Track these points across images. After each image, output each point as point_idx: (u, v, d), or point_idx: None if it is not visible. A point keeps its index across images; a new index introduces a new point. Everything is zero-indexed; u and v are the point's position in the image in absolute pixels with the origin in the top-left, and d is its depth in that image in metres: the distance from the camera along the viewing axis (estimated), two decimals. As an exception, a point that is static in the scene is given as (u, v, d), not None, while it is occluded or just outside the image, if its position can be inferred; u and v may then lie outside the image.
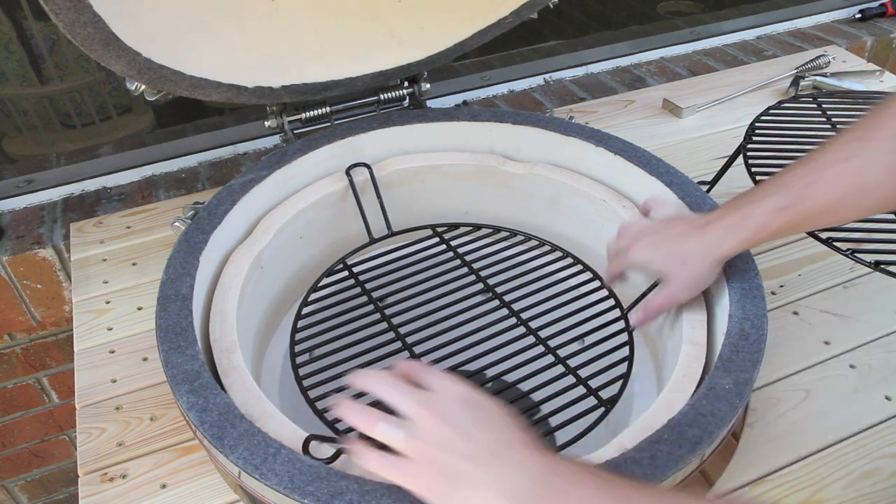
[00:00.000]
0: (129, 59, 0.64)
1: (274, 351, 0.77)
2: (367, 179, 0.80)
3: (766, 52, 1.36)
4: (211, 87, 0.74)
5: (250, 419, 0.52)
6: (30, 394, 1.08)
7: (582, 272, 0.77)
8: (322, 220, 0.80)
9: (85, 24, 0.59)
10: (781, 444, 0.64)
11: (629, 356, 0.66)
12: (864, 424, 0.66)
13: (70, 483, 1.23)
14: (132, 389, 0.70)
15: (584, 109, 1.16)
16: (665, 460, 0.49)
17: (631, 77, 1.29)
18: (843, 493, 0.60)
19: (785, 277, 0.82)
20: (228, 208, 0.71)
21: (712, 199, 0.71)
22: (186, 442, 0.65)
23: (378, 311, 0.71)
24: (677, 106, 1.11)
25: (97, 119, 1.06)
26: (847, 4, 1.48)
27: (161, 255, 0.86)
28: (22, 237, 0.94)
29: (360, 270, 0.77)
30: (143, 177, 1.05)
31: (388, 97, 0.90)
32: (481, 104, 1.22)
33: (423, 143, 0.85)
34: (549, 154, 0.83)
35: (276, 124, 0.87)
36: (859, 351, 0.73)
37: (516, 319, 0.70)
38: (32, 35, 0.95)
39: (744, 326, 0.58)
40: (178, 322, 0.59)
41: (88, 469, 0.63)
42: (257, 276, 0.72)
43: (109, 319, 0.78)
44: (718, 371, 0.55)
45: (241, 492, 0.58)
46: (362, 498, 0.46)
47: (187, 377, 0.55)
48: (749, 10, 1.43)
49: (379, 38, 0.84)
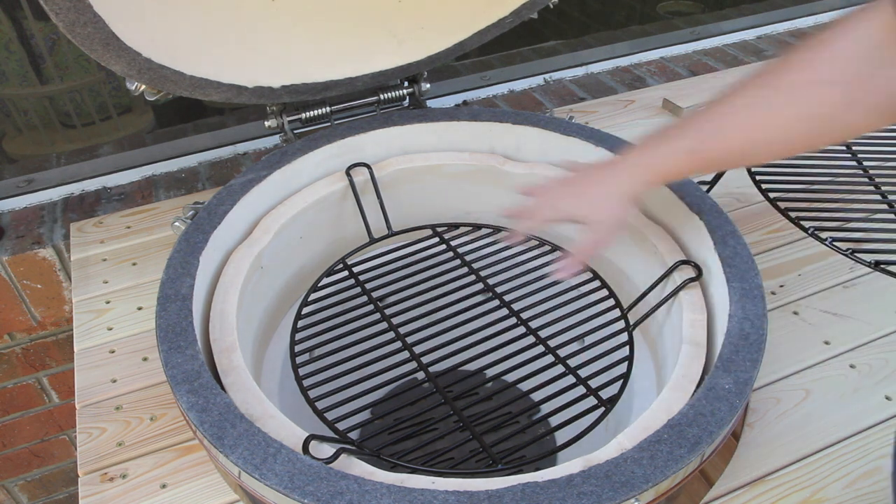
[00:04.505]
0: (129, 59, 0.64)
1: (274, 351, 0.77)
2: (367, 179, 0.80)
3: (766, 52, 1.36)
4: (211, 87, 0.74)
5: (250, 419, 0.52)
6: (30, 394, 1.08)
7: (582, 272, 0.77)
8: (322, 220, 0.80)
9: (85, 24, 0.59)
10: (781, 444, 0.64)
11: (629, 356, 0.66)
12: (864, 424, 0.66)
13: (70, 483, 1.23)
14: (132, 389, 0.70)
15: (584, 109, 1.16)
16: (665, 460, 0.49)
17: (631, 77, 1.29)
18: (843, 493, 0.60)
19: (785, 277, 0.82)
20: (228, 208, 0.71)
21: (712, 199, 0.71)
22: (186, 442, 0.65)
23: (378, 311, 0.71)
24: (677, 106, 1.11)
25: (97, 119, 1.06)
26: (847, 4, 1.47)
27: (161, 255, 0.86)
28: (22, 237, 0.94)
29: (360, 270, 0.77)
30: (143, 177, 1.05)
31: (388, 97, 0.90)
32: (481, 104, 1.22)
33: (423, 143, 0.85)
34: (549, 154, 0.83)
35: (276, 124, 0.87)
36: (859, 351, 0.73)
37: (516, 319, 0.70)
38: (32, 35, 0.95)
39: (744, 326, 0.58)
40: (178, 322, 0.59)
41: (88, 469, 0.63)
42: (257, 276, 0.72)
43: (109, 319, 0.78)
44: (718, 371, 0.55)
45: (241, 492, 0.58)
46: (362, 498, 0.46)
47: (187, 377, 0.55)
48: (749, 10, 1.43)
49: (379, 38, 0.84)
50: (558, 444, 0.58)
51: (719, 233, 0.67)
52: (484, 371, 0.65)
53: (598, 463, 0.49)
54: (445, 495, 0.46)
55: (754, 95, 0.53)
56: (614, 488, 0.47)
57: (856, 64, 0.46)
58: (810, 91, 0.49)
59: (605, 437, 0.55)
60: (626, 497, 0.46)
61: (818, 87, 0.49)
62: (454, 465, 0.55)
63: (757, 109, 0.52)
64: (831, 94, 0.48)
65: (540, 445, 0.62)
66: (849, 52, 0.47)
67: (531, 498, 0.46)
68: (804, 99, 0.49)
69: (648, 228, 0.73)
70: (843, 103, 0.48)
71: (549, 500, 0.46)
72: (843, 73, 0.47)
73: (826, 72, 0.48)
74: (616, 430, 0.56)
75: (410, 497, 0.46)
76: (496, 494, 0.46)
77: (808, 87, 0.49)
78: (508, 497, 0.46)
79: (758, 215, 0.91)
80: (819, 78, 0.49)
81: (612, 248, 0.79)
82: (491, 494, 0.46)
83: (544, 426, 0.61)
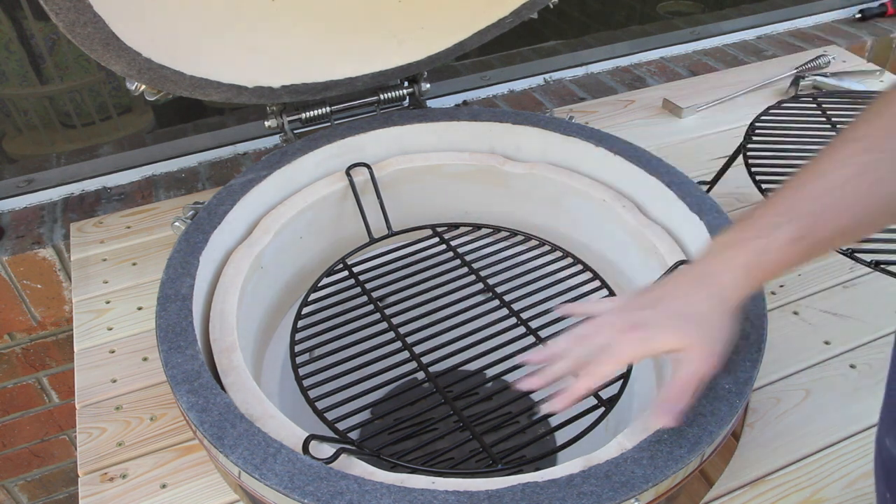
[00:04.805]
0: (129, 59, 0.64)
1: (274, 351, 0.77)
2: (367, 179, 0.80)
3: (766, 52, 1.36)
4: (211, 87, 0.74)
5: (250, 419, 0.52)
6: (30, 394, 1.08)
7: (582, 272, 0.77)
8: (322, 220, 0.80)
9: (85, 24, 0.59)
10: (781, 444, 0.64)
11: (629, 356, 0.66)
12: (864, 424, 0.66)
13: (70, 483, 1.23)
14: (132, 389, 0.70)
15: (584, 109, 1.16)
16: (665, 460, 0.49)
17: (631, 77, 1.29)
18: (843, 493, 0.60)
19: (785, 277, 0.82)
20: (228, 208, 0.71)
21: (712, 199, 0.71)
22: (186, 442, 0.65)
23: (378, 310, 0.71)
24: (677, 106, 1.11)
25: (97, 119, 1.06)
26: (847, 4, 1.48)
27: (161, 255, 0.86)
28: (22, 237, 0.94)
29: (360, 270, 0.77)
30: (143, 177, 1.05)
31: (388, 97, 0.90)
32: (481, 104, 1.22)
33: (423, 143, 0.85)
34: (549, 154, 0.83)
35: (276, 124, 0.87)
36: (859, 351, 0.73)
37: (516, 319, 0.70)
38: (32, 35, 0.95)
39: (744, 326, 0.58)
40: (178, 322, 0.59)
41: (88, 469, 0.63)
42: (257, 276, 0.72)
43: (109, 319, 0.78)
44: (718, 371, 0.55)
45: (241, 492, 0.58)
46: (362, 498, 0.46)
47: (187, 377, 0.55)
48: (749, 10, 1.43)
49: (379, 38, 0.84)
50: (558, 444, 0.58)
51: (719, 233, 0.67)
52: (484, 371, 0.65)
53: (598, 463, 0.49)
54: (445, 495, 0.46)
55: (859, 163, 0.44)
56: (614, 488, 0.47)
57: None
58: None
59: (605, 437, 0.55)
60: (626, 497, 0.46)
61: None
62: (454, 465, 0.55)
63: (866, 179, 0.44)
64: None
65: (540, 445, 0.62)
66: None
67: (531, 498, 0.46)
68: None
69: (648, 228, 0.73)
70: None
71: (549, 500, 0.46)
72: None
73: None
74: (616, 430, 0.56)
75: (410, 497, 0.46)
76: (496, 494, 0.46)
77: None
78: (508, 497, 0.46)
79: (758, 215, 0.91)
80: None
81: (612, 249, 0.79)
82: (491, 494, 0.46)
83: (544, 426, 0.60)
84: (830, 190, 0.45)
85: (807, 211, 0.46)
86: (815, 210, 0.46)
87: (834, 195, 0.45)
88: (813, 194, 0.46)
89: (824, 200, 0.46)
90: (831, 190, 0.45)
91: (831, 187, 0.45)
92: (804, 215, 0.46)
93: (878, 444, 0.49)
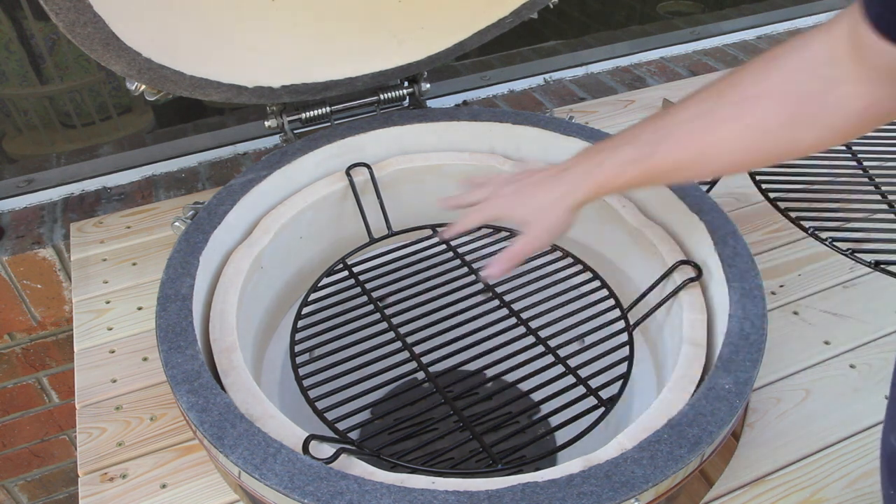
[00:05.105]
0: (129, 59, 0.64)
1: (274, 351, 0.77)
2: (367, 179, 0.80)
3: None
4: (211, 87, 0.74)
5: (250, 419, 0.52)
6: (30, 394, 1.08)
7: (582, 272, 0.77)
8: (322, 219, 0.80)
9: (85, 24, 0.59)
10: (781, 444, 0.64)
11: (629, 356, 0.66)
12: (864, 424, 0.66)
13: (70, 483, 1.23)
14: (132, 389, 0.70)
15: (584, 109, 1.16)
16: (665, 460, 0.49)
17: (631, 77, 1.29)
18: (843, 493, 0.60)
19: (785, 277, 0.82)
20: (228, 208, 0.71)
21: (712, 199, 0.71)
22: (186, 442, 0.65)
23: (378, 311, 0.71)
24: (677, 106, 1.11)
25: (97, 119, 1.06)
26: (847, 4, 1.47)
27: (161, 255, 0.86)
28: (22, 237, 0.94)
29: (360, 270, 0.77)
30: (143, 177, 1.05)
31: (388, 97, 0.90)
32: (481, 104, 1.22)
33: (423, 143, 0.85)
34: (549, 154, 0.83)
35: (276, 124, 0.87)
36: (859, 351, 0.73)
37: (516, 319, 0.70)
38: (32, 35, 0.95)
39: (744, 326, 0.58)
40: (178, 322, 0.59)
41: (88, 469, 0.63)
42: (257, 276, 0.72)
43: (109, 319, 0.78)
44: (718, 371, 0.55)
45: (241, 492, 0.58)
46: (362, 498, 0.46)
47: (187, 377, 0.55)
48: (749, 10, 1.43)
49: (379, 38, 0.84)
50: (558, 444, 0.58)
51: (719, 233, 0.67)
52: (484, 371, 0.65)
53: (598, 463, 0.49)
54: (445, 495, 0.46)
55: (701, 107, 0.52)
56: (614, 488, 0.47)
57: (805, 80, 0.46)
58: (756, 105, 0.48)
59: (605, 437, 0.55)
60: (626, 497, 0.46)
61: (764, 100, 0.48)
62: (454, 465, 0.55)
63: (703, 121, 0.51)
64: (777, 109, 0.47)
65: (540, 445, 0.62)
66: (799, 67, 0.46)
67: (531, 498, 0.46)
68: (750, 112, 0.49)
69: (648, 228, 0.73)
70: (790, 119, 0.47)
71: (549, 500, 0.46)
72: (791, 89, 0.47)
73: (773, 86, 0.47)
74: (616, 430, 0.56)
75: (410, 497, 0.46)
76: (496, 494, 0.46)
77: (755, 101, 0.48)
78: (508, 497, 0.46)
79: (758, 215, 0.91)
80: (766, 92, 0.48)
81: (611, 248, 0.79)
82: (491, 494, 0.46)
83: (544, 426, 0.61)
84: (672, 125, 0.53)
85: (645, 140, 0.55)
86: (653, 140, 0.54)
87: (672, 130, 0.53)
88: (655, 127, 0.55)
89: (662, 132, 0.54)
90: (673, 125, 0.53)
91: (673, 123, 0.53)
92: (643, 143, 0.55)
93: (883, 442, 0.49)
